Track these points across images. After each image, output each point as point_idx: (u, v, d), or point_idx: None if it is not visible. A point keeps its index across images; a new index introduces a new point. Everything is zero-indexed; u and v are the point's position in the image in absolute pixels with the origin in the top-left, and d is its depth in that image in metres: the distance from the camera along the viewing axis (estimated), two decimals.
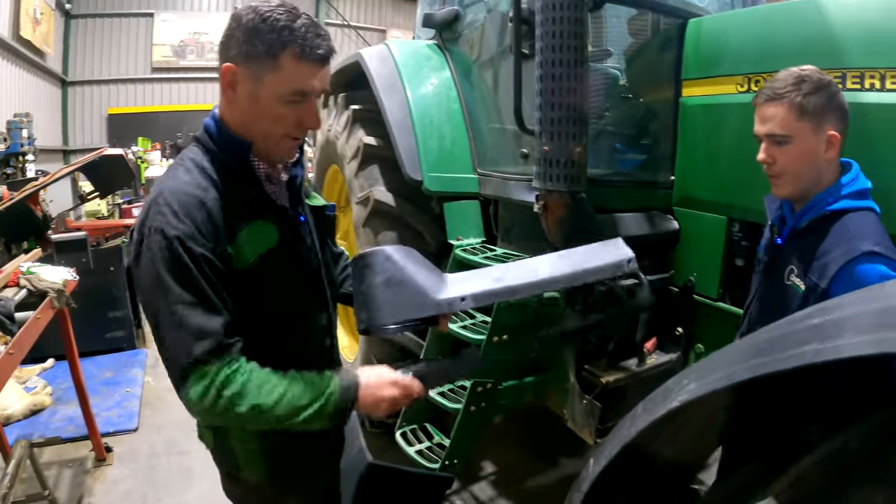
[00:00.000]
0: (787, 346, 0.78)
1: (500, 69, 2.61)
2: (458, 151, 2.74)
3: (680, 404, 0.90)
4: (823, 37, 1.87)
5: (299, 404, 1.22)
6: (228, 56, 1.23)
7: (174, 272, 1.15)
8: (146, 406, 4.25)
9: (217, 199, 1.23)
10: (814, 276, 1.46)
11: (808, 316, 0.81)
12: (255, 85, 1.22)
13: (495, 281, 1.41)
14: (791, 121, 1.52)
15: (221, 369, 1.17)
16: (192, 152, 1.30)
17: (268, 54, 1.20)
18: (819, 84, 1.50)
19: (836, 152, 1.53)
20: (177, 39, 14.55)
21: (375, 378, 1.33)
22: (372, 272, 1.35)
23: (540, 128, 1.99)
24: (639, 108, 2.70)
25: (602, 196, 2.29)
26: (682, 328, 2.37)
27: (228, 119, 1.30)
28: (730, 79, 2.18)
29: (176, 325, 1.16)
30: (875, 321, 0.69)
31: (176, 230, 1.15)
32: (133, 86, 14.46)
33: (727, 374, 0.84)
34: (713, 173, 2.28)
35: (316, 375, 1.27)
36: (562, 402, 2.36)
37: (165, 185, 1.23)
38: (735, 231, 2.25)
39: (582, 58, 1.96)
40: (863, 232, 1.43)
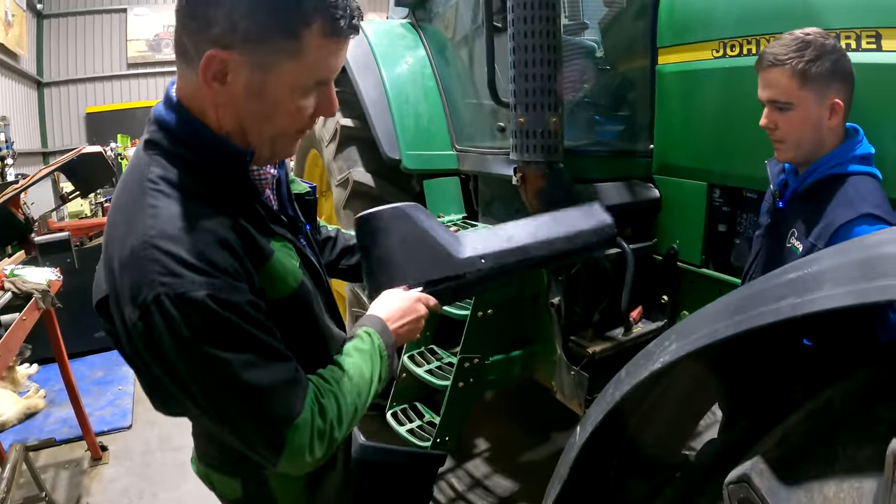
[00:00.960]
0: (765, 302, 0.78)
1: (474, 45, 2.59)
2: (436, 129, 2.73)
3: (662, 366, 0.90)
4: None
5: (368, 377, 1.09)
6: (209, 36, 0.87)
7: (222, 340, 0.87)
8: (139, 403, 4.25)
9: (230, 225, 0.92)
10: (812, 238, 1.46)
11: (785, 271, 0.81)
12: (260, 76, 0.90)
13: (507, 241, 1.39)
14: (793, 88, 1.50)
15: (313, 410, 0.96)
16: (160, 167, 0.93)
17: (284, 34, 0.87)
18: (823, 49, 1.47)
19: (840, 119, 1.51)
20: (151, 33, 14.29)
21: (395, 307, 1.21)
22: (385, 233, 1.28)
23: (514, 100, 1.98)
24: (616, 78, 2.68)
25: (581, 166, 2.29)
26: (667, 296, 2.38)
27: (210, 118, 0.95)
28: (705, 44, 2.16)
29: (250, 397, 0.90)
30: (852, 273, 0.70)
31: (201, 288, 0.85)
32: (110, 83, 14.22)
33: (708, 333, 0.84)
34: (692, 140, 2.27)
35: (359, 342, 1.12)
36: (550, 375, 2.37)
37: (149, 225, 0.87)
38: (716, 197, 2.25)
39: (554, 28, 1.94)
40: (863, 195, 1.43)
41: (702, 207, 2.27)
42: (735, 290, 0.91)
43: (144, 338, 0.88)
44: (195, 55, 0.89)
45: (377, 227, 1.28)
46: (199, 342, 0.86)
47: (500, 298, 2.24)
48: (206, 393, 0.90)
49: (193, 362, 0.87)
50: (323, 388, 1.01)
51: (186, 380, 0.89)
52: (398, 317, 1.20)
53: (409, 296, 1.24)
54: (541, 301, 2.30)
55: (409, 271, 1.28)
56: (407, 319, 1.21)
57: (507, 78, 2.03)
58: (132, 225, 0.88)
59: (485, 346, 2.30)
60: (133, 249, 0.86)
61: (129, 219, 0.89)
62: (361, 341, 1.13)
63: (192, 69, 0.90)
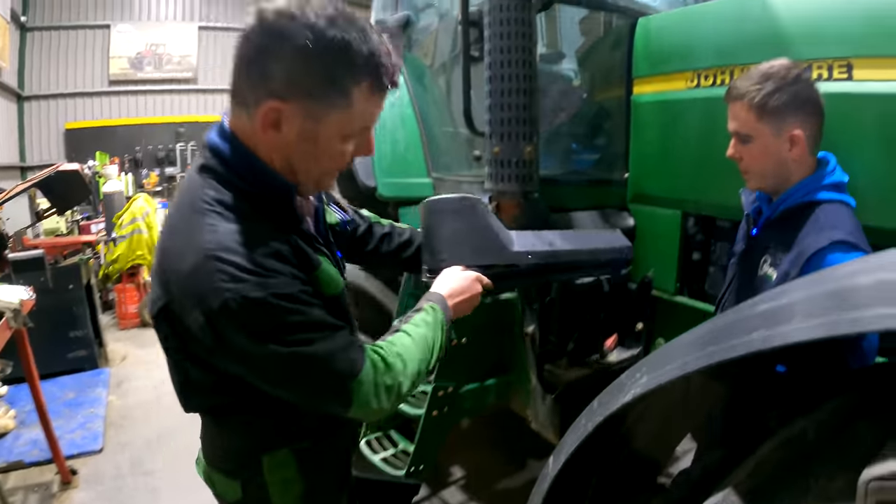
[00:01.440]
0: (737, 334, 0.78)
1: (452, 73, 2.60)
2: (412, 156, 2.72)
3: (633, 398, 0.90)
4: (768, 30, 1.89)
5: (431, 345, 1.22)
6: (268, 88, 0.97)
7: (284, 327, 0.99)
8: (110, 426, 4.20)
9: (281, 241, 1.03)
10: (786, 265, 1.47)
11: (756, 303, 0.81)
12: (313, 125, 1.00)
13: (549, 245, 1.60)
14: (751, 120, 1.54)
15: (376, 367, 1.10)
16: (214, 190, 1.03)
17: (337, 89, 0.98)
18: (782, 82, 1.49)
19: (802, 150, 1.52)
20: (133, 51, 14.22)
21: (456, 285, 1.37)
22: (452, 218, 1.46)
23: (490, 129, 1.98)
24: (592, 107, 2.71)
25: (557, 195, 2.30)
26: (641, 324, 2.38)
27: (263, 154, 1.05)
28: (680, 75, 2.20)
29: (317, 365, 1.04)
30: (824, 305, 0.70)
31: (260, 289, 0.95)
32: (90, 99, 14.10)
33: (679, 365, 0.84)
34: (666, 169, 2.30)
35: (425, 314, 1.27)
36: (525, 403, 2.36)
37: (208, 240, 0.97)
38: (690, 226, 2.27)
39: (530, 58, 1.96)
40: (835, 222, 1.44)
41: (676, 236, 2.29)
42: (707, 322, 0.91)
43: (215, 338, 0.99)
44: (252, 102, 1.00)
45: (446, 211, 1.47)
46: (269, 333, 0.98)
47: (474, 326, 2.23)
48: (281, 372, 1.03)
49: (267, 350, 0.99)
50: (390, 349, 1.14)
51: (260, 364, 1.02)
52: (458, 293, 1.36)
53: (468, 275, 1.41)
54: (515, 330, 2.29)
55: (469, 254, 1.45)
56: (466, 296, 1.38)
57: (484, 107, 2.04)
58: (191, 242, 0.99)
59: (459, 374, 2.29)
60: (195, 262, 0.97)
61: (188, 236, 1.00)
62: (427, 314, 1.27)
63: (246, 111, 1.02)
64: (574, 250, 1.65)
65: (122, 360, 5.69)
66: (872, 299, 0.65)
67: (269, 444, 1.20)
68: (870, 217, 1.66)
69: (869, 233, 1.65)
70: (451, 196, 1.50)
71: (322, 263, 1.13)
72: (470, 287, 1.40)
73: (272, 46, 0.95)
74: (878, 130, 1.65)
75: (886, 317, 0.62)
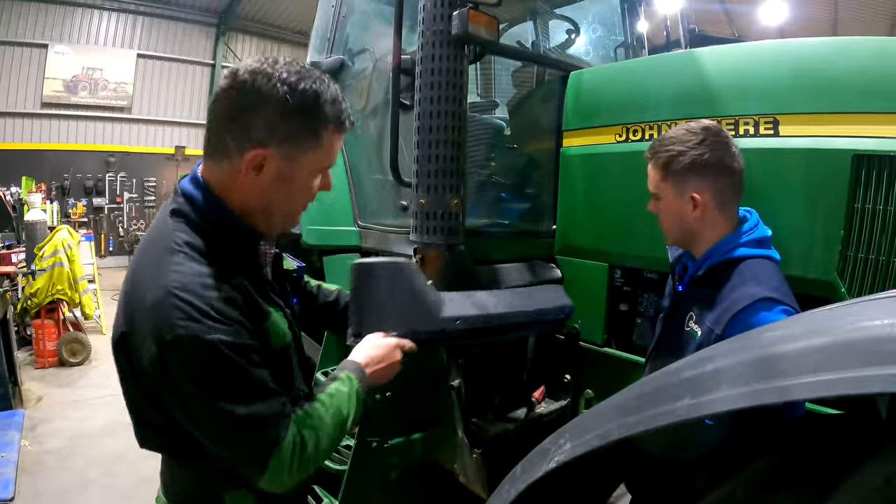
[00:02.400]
0: (661, 402, 0.77)
1: (383, 120, 2.58)
2: (339, 204, 2.67)
3: (557, 465, 0.88)
4: (697, 87, 1.97)
5: (344, 416, 1.26)
6: (251, 137, 1.09)
7: (225, 378, 1.06)
8: (23, 473, 3.93)
9: (239, 287, 1.12)
10: (710, 323, 1.47)
11: (680, 369, 0.80)
12: (289, 164, 1.13)
13: (481, 308, 1.60)
14: (657, 180, 1.60)
15: (294, 439, 1.14)
16: (183, 232, 1.12)
17: (310, 133, 1.13)
18: (685, 146, 1.54)
19: (704, 212, 1.56)
20: (69, 74, 13.76)
21: (374, 353, 1.40)
22: (380, 283, 1.46)
23: (416, 180, 1.97)
24: (521, 158, 2.75)
25: (483, 247, 2.29)
26: (569, 375, 2.38)
27: (235, 200, 1.16)
28: (608, 129, 2.25)
29: (244, 425, 1.09)
30: (748, 372, 0.69)
31: (214, 333, 1.03)
32: (21, 120, 13.49)
33: (602, 433, 0.83)
34: (593, 222, 2.33)
35: (340, 385, 1.30)
36: (452, 458, 2.30)
37: (172, 279, 1.05)
38: (617, 277, 2.30)
39: (459, 109, 1.97)
40: (760, 278, 1.45)
41: (603, 288, 2.31)
42: (631, 386, 0.90)
43: (161, 371, 1.05)
44: (236, 151, 1.11)
45: (374, 274, 1.47)
46: (209, 378, 1.05)
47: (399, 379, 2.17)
48: (210, 423, 1.09)
49: (202, 395, 1.06)
50: (305, 422, 1.18)
51: (194, 409, 1.08)
52: (376, 361, 1.40)
53: (388, 342, 1.44)
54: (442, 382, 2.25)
55: (396, 319, 1.45)
56: (383, 365, 1.41)
57: (412, 157, 2.03)
58: (158, 278, 1.06)
59: (384, 428, 2.22)
60: (157, 297, 1.04)
61: (156, 272, 1.07)
62: (342, 384, 1.30)
63: (227, 160, 1.13)
64: (509, 313, 1.64)
65: (38, 401, 5.35)
66: (797, 367, 0.65)
67: (229, 484, 1.23)
68: (795, 268, 1.71)
69: (795, 283, 1.70)
70: (381, 259, 1.52)
71: (272, 315, 1.19)
72: (388, 355, 1.43)
73: (253, 103, 1.09)
74: (803, 184, 1.72)
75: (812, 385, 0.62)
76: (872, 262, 1.62)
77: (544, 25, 3.48)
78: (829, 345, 0.66)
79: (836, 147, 1.65)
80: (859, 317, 0.71)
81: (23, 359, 6.22)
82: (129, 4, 14.34)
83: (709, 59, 1.98)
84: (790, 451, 0.94)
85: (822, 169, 1.68)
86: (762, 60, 1.87)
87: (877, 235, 1.60)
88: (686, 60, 2.05)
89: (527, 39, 3.42)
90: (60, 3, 13.55)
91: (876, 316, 0.68)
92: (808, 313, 0.82)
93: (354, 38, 2.94)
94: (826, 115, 1.69)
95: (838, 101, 1.67)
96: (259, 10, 15.68)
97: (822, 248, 1.70)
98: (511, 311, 1.66)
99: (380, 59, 2.66)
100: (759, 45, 1.93)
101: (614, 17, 3.44)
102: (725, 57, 1.98)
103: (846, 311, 0.77)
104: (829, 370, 0.62)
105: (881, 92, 1.60)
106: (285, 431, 1.13)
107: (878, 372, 0.58)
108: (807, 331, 0.72)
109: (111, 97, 14.37)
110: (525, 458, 1.03)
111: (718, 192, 1.56)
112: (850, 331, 0.67)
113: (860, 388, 0.59)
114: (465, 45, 1.96)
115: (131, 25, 14.51)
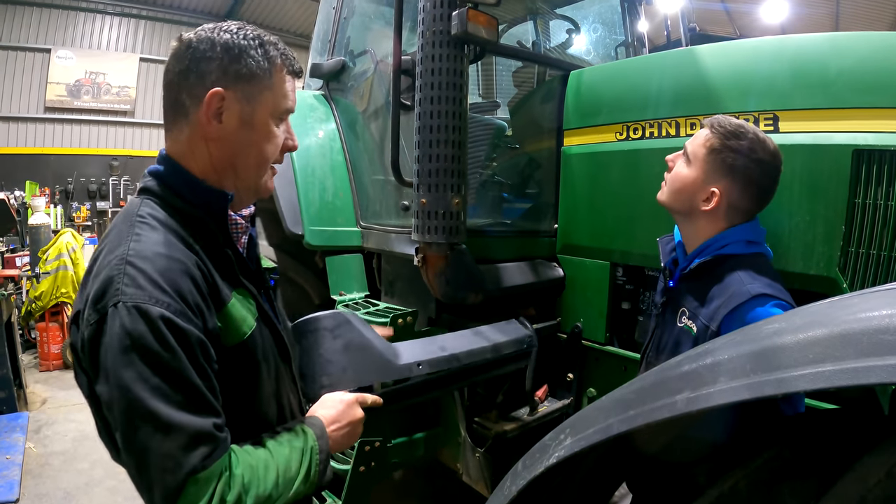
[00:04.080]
0: (660, 396, 0.77)
1: (384, 121, 2.59)
2: (341, 204, 2.68)
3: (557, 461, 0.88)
4: (697, 84, 1.96)
5: (294, 473, 1.08)
6: (207, 82, 1.09)
7: (160, 363, 0.91)
8: (28, 475, 3.90)
9: (199, 265, 1.04)
10: (704, 319, 1.47)
11: (680, 363, 0.80)
12: (249, 107, 1.12)
13: (441, 350, 1.53)
14: (700, 150, 1.55)
15: (222, 474, 0.96)
16: (149, 207, 1.08)
17: (260, 69, 1.12)
18: (743, 150, 1.50)
19: (714, 208, 1.53)
20: (72, 78, 13.84)
21: (334, 412, 1.25)
22: (330, 336, 1.37)
23: (418, 180, 1.97)
24: (523, 158, 2.75)
25: (485, 246, 2.30)
26: (572, 374, 2.39)
27: (190, 162, 1.13)
28: (608, 128, 2.26)
29: (163, 430, 0.90)
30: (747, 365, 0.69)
31: (161, 306, 0.93)
32: (24, 125, 13.59)
33: (603, 428, 0.82)
34: (594, 220, 2.34)
35: (293, 436, 1.14)
36: (455, 457, 2.31)
37: (130, 247, 0.98)
38: (619, 275, 2.30)
39: (460, 109, 1.97)
40: (753, 274, 1.44)
41: (605, 286, 2.31)
42: (631, 381, 0.90)
43: (93, 341, 0.94)
44: (192, 104, 1.10)
45: (320, 331, 1.36)
46: (138, 356, 0.91)
47: None
48: (123, 411, 0.91)
49: (124, 376, 0.90)
50: (243, 460, 1.02)
51: (112, 393, 0.92)
52: (333, 421, 1.23)
53: (345, 399, 1.29)
54: None
55: (350, 375, 1.35)
56: (343, 425, 1.25)
57: (413, 157, 2.03)
58: (116, 249, 1.00)
59: (386, 428, 2.22)
60: (110, 263, 0.97)
61: (115, 244, 1.01)
62: (296, 436, 1.14)
63: (185, 121, 1.11)
64: (471, 351, 1.59)
65: (43, 403, 5.35)
66: (796, 359, 0.65)
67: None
68: (797, 264, 1.72)
69: (797, 279, 1.70)
70: (323, 314, 1.43)
71: (232, 300, 1.10)
72: (346, 414, 1.26)
73: (203, 51, 1.10)
74: (804, 180, 1.72)
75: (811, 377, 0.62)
76: (874, 257, 1.61)
77: (544, 25, 3.48)
78: (828, 336, 0.66)
79: (836, 142, 1.65)
80: (859, 308, 0.71)
81: (27, 361, 6.23)
82: (132, 9, 14.43)
83: (708, 57, 1.98)
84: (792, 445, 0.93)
85: (823, 164, 1.67)
86: (761, 57, 1.87)
87: (878, 230, 1.60)
88: (685, 58, 2.06)
89: (527, 39, 3.43)
90: (63, 8, 13.64)
91: (875, 307, 0.67)
92: (807, 306, 0.82)
93: (355, 39, 2.96)
94: (825, 111, 1.69)
95: (837, 97, 1.67)
96: (261, 12, 15.76)
97: (823, 243, 1.69)
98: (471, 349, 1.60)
99: (380, 60, 2.66)
100: (758, 41, 1.93)
101: (615, 16, 3.44)
102: (724, 54, 1.98)
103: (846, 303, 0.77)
104: (828, 361, 0.62)
105: (880, 87, 1.60)
106: (213, 460, 0.94)
107: (877, 363, 0.58)
108: (806, 323, 0.72)
109: (114, 101, 14.46)
110: (526, 454, 1.01)
111: (737, 205, 1.54)
112: (849, 322, 0.66)
113: (859, 379, 0.59)
114: (464, 44, 1.96)
115: (133, 30, 14.60)
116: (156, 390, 0.90)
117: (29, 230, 7.11)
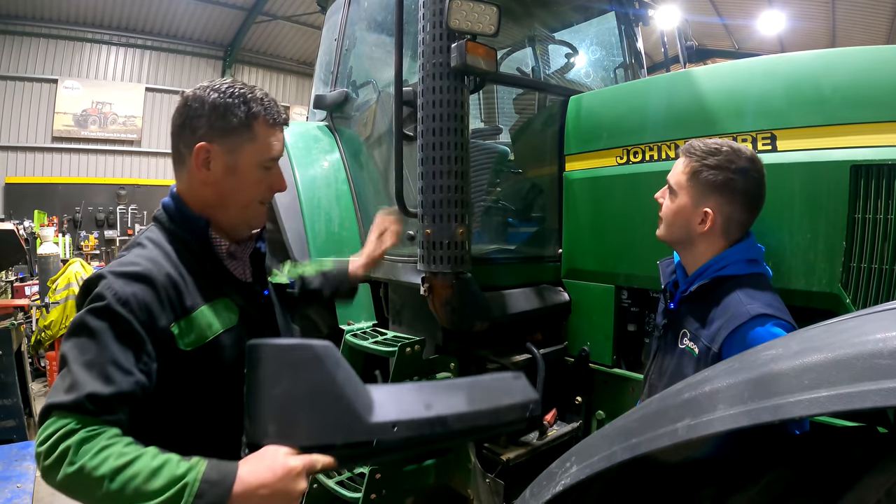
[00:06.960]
0: (662, 423, 0.79)
1: (388, 151, 2.62)
2: (347, 234, 2.71)
3: (563, 488, 0.90)
4: (694, 106, 1.99)
5: (143, 488, 0.94)
6: (197, 136, 1.28)
7: (91, 327, 1.10)
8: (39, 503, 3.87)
9: (168, 276, 1.22)
10: (706, 340, 1.48)
11: (680, 391, 0.82)
12: (233, 157, 1.29)
13: (426, 409, 1.18)
14: (682, 179, 1.59)
15: (84, 437, 0.98)
16: (151, 231, 1.32)
17: (242, 125, 1.28)
18: (722, 165, 1.53)
19: (710, 228, 1.55)
20: (79, 108, 14.01)
21: (271, 475, 1.00)
22: (289, 371, 1.08)
23: (422, 210, 2.00)
24: (525, 183, 2.77)
25: (490, 274, 2.32)
26: (580, 397, 2.39)
27: (189, 198, 1.33)
28: (609, 152, 2.28)
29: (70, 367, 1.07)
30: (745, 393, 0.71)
31: (113, 294, 1.13)
32: (32, 154, 13.73)
33: (607, 456, 0.85)
34: (598, 244, 2.35)
35: (181, 466, 0.99)
36: (465, 483, 2.30)
37: (121, 259, 1.24)
38: (624, 298, 2.31)
39: (461, 140, 2.00)
40: (753, 295, 1.45)
41: (610, 309, 2.32)
42: (634, 409, 0.92)
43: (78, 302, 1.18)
44: (187, 154, 1.30)
45: (278, 363, 1.08)
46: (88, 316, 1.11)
47: None
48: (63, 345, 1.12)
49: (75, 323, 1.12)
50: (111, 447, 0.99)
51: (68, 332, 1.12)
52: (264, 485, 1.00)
53: (294, 467, 1.03)
54: None
55: (305, 429, 1.06)
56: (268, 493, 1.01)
57: (417, 187, 2.06)
58: (118, 256, 1.27)
59: None
60: (109, 266, 1.21)
61: (121, 254, 1.28)
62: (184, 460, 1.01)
63: (183, 167, 1.32)
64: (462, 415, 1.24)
65: None
66: (792, 385, 0.67)
67: None
68: (799, 282, 1.73)
69: (800, 296, 1.70)
70: (288, 342, 1.17)
71: (202, 308, 1.26)
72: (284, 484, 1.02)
73: (195, 109, 1.28)
74: (803, 198, 1.74)
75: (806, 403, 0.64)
76: (876, 271, 1.62)
77: (543, 50, 3.53)
78: (822, 362, 0.67)
79: (834, 158, 1.67)
80: (853, 333, 0.72)
81: (37, 390, 6.24)
82: (137, 39, 14.62)
83: (704, 79, 2.00)
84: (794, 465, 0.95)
85: (822, 181, 1.69)
86: (756, 77, 1.89)
87: (878, 245, 1.61)
88: (682, 81, 2.08)
89: (527, 65, 3.47)
90: (70, 39, 13.84)
91: (870, 331, 0.69)
92: (803, 330, 0.84)
93: (357, 69, 3.00)
94: (822, 128, 1.71)
95: (833, 113, 1.69)
96: (263, 42, 15.95)
97: (824, 260, 1.71)
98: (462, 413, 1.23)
99: (382, 90, 2.70)
100: (753, 61, 1.96)
101: (612, 38, 3.48)
102: (720, 75, 2.01)
103: (841, 326, 0.79)
104: (822, 387, 0.64)
105: (876, 101, 1.62)
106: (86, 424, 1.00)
107: (871, 387, 0.60)
108: (802, 349, 0.74)
109: (121, 130, 14.61)
110: (534, 482, 1.03)
111: (732, 218, 1.56)
112: (843, 347, 0.68)
113: (853, 404, 0.61)
114: (464, 76, 1.99)
115: (139, 60, 14.78)
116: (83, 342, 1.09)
117: (38, 260, 7.16)
